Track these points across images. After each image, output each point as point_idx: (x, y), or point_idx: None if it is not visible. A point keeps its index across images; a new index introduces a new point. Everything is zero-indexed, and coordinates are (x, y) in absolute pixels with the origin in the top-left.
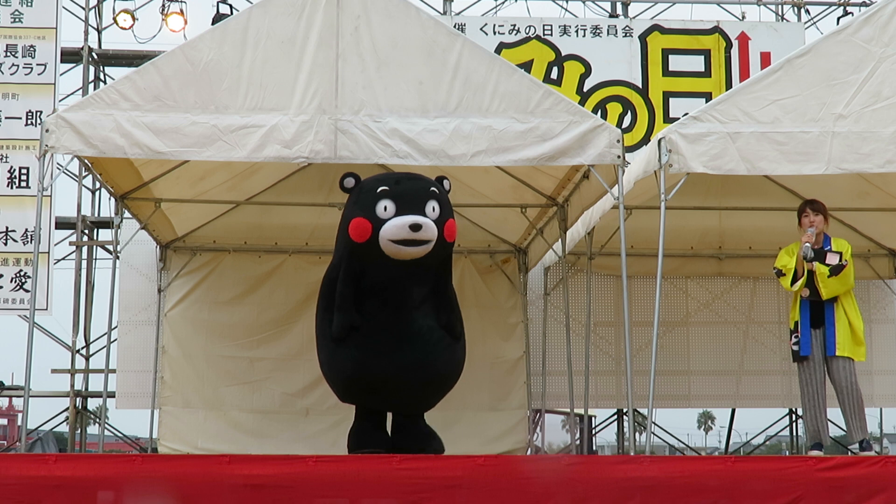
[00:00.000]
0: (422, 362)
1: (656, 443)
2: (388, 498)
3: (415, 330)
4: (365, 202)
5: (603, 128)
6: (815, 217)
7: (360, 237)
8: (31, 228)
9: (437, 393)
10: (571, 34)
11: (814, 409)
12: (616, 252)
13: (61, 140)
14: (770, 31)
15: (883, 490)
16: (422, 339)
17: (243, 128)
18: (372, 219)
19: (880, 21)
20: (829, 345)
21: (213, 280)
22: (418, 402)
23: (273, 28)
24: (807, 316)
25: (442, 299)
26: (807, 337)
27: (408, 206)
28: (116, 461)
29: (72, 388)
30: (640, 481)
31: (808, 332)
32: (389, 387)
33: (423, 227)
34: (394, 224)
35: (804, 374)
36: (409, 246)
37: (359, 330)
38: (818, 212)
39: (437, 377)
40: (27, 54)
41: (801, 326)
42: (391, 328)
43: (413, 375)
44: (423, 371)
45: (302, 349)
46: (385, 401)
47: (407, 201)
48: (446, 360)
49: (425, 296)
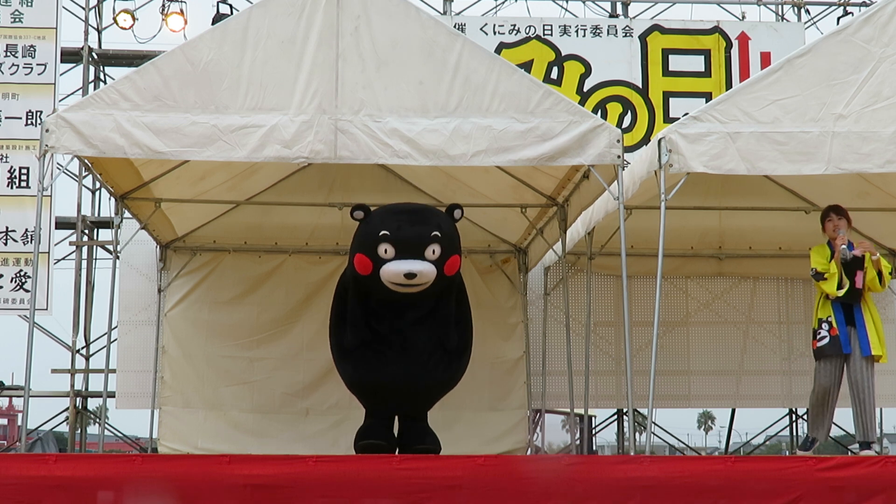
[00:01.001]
0: (413, 374)
1: (656, 443)
2: (388, 498)
3: (410, 345)
4: (368, 242)
5: (603, 128)
6: (840, 221)
7: (364, 270)
8: (31, 228)
9: (428, 400)
10: (571, 34)
11: (822, 406)
12: (616, 252)
13: (61, 140)
14: (770, 31)
15: (883, 490)
16: (415, 353)
17: (243, 128)
18: (373, 258)
19: (880, 21)
20: (864, 345)
21: (213, 280)
22: (412, 406)
23: (273, 28)
24: (840, 313)
25: (438, 317)
26: (845, 334)
27: (406, 252)
28: (116, 461)
29: (72, 388)
30: (640, 481)
31: (846, 329)
32: (385, 392)
33: (418, 275)
34: (390, 270)
35: (824, 371)
36: (406, 287)
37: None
38: (842, 216)
39: (425, 388)
40: (27, 54)
41: (837, 324)
42: (390, 342)
43: (405, 385)
44: (413, 382)
45: (302, 349)
46: (382, 403)
47: (406, 248)
48: (436, 373)
49: (425, 315)
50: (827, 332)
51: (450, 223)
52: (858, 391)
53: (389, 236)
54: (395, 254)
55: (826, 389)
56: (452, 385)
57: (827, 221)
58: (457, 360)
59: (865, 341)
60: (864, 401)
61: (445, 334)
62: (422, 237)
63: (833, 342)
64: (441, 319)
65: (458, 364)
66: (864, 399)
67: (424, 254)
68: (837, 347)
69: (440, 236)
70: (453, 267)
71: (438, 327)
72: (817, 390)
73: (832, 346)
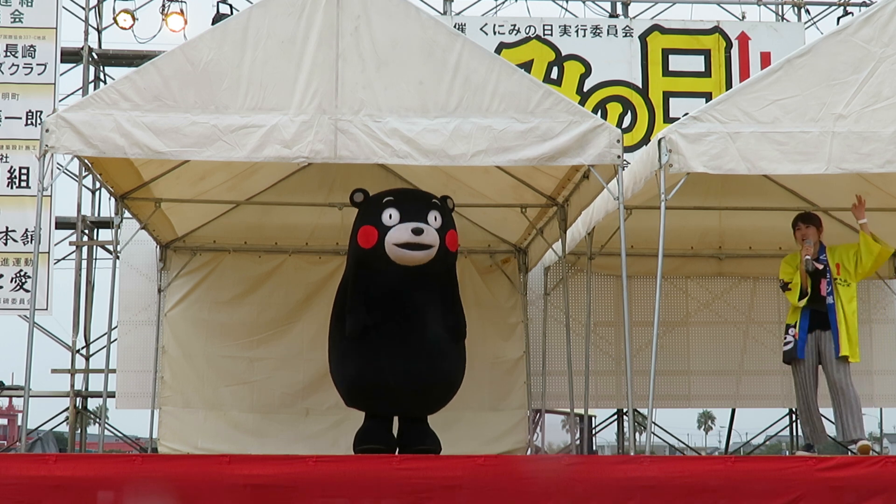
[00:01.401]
0: (424, 370)
1: (656, 443)
2: (388, 498)
3: (418, 338)
4: (372, 212)
5: (603, 128)
6: (808, 229)
7: (367, 243)
8: (31, 228)
9: (440, 398)
10: (571, 34)
11: (807, 412)
12: (616, 252)
13: (61, 140)
14: (770, 31)
15: (883, 490)
16: (425, 348)
17: (243, 128)
18: (378, 226)
19: (880, 21)
20: (835, 346)
21: (213, 280)
22: (421, 406)
23: (273, 28)
24: (806, 320)
25: (447, 304)
26: (804, 340)
27: (411, 214)
28: (116, 461)
29: (72, 388)
30: (640, 481)
31: (806, 335)
32: (392, 393)
33: (425, 232)
34: (397, 229)
35: (798, 377)
36: (413, 250)
37: (366, 337)
38: (810, 224)
39: (439, 384)
40: (27, 54)
41: (799, 330)
42: (397, 336)
43: (416, 383)
44: (425, 378)
45: (302, 349)
46: (388, 406)
47: (410, 210)
48: (447, 369)
49: (430, 304)
50: (791, 337)
51: (444, 203)
52: (836, 392)
53: (394, 201)
54: (400, 218)
55: (804, 393)
56: (461, 380)
57: (796, 231)
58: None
59: (836, 343)
60: (843, 401)
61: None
62: (425, 200)
63: (793, 348)
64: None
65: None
66: (842, 399)
67: (427, 218)
68: (794, 353)
69: (439, 205)
70: (453, 242)
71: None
72: (797, 395)
73: (791, 351)
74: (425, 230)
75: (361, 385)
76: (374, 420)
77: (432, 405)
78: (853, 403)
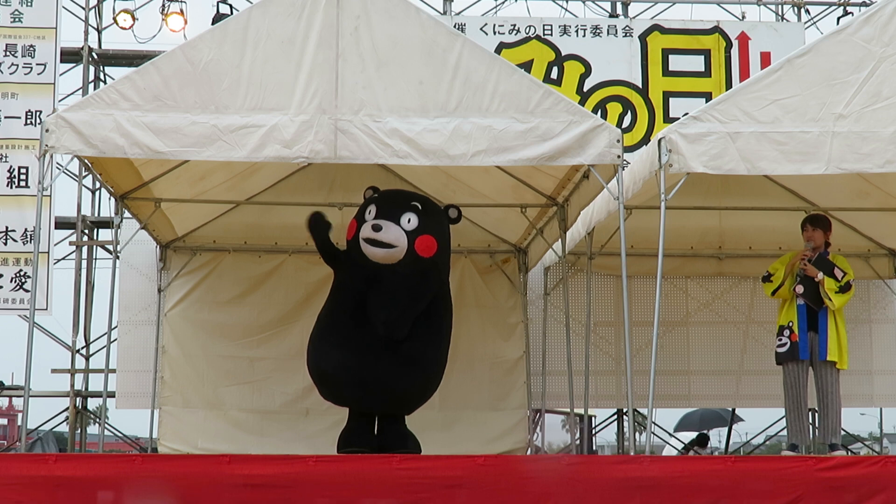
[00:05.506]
0: (356, 366)
1: (656, 443)
2: (388, 498)
3: (360, 333)
4: (362, 207)
5: (603, 128)
6: (814, 232)
7: (349, 234)
8: (31, 228)
9: (383, 397)
10: (571, 34)
11: (797, 411)
12: (616, 252)
13: (61, 140)
14: (770, 31)
15: (883, 490)
16: (365, 341)
17: (243, 128)
18: (359, 220)
19: (880, 21)
20: (822, 349)
21: (213, 280)
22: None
23: (273, 28)
24: (804, 320)
25: (393, 303)
26: (804, 341)
27: (384, 213)
28: (116, 461)
29: (72, 388)
30: (640, 481)
31: (806, 335)
32: (337, 385)
33: (384, 230)
34: (367, 224)
35: (790, 377)
36: (375, 247)
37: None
38: (817, 227)
39: (373, 382)
40: (27, 54)
41: (798, 330)
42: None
43: (355, 377)
44: (358, 374)
45: (302, 349)
46: (334, 398)
47: (385, 208)
48: (382, 368)
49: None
50: (787, 339)
51: (439, 215)
52: (823, 394)
53: (377, 199)
54: (375, 215)
55: (795, 394)
56: (391, 383)
57: (804, 231)
58: (403, 349)
59: (824, 347)
60: (827, 405)
61: (386, 315)
62: (401, 203)
63: (792, 348)
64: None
65: (403, 355)
66: (827, 403)
67: (400, 220)
68: (795, 353)
69: (419, 209)
70: (425, 247)
71: (391, 306)
72: (788, 395)
73: (790, 353)
74: (385, 228)
75: (314, 370)
76: (355, 421)
77: (377, 404)
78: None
